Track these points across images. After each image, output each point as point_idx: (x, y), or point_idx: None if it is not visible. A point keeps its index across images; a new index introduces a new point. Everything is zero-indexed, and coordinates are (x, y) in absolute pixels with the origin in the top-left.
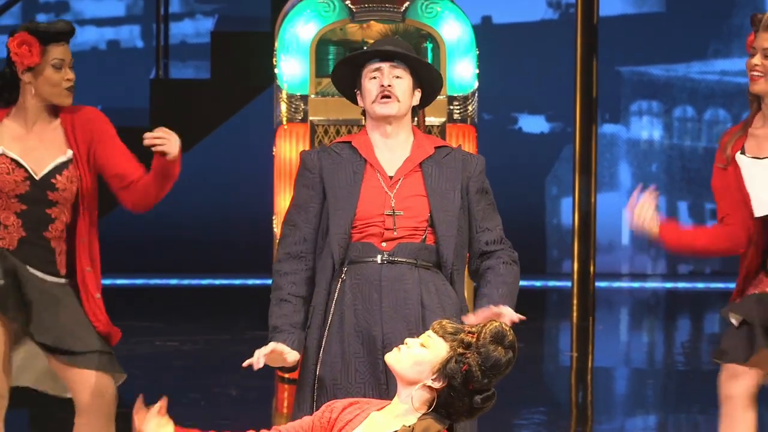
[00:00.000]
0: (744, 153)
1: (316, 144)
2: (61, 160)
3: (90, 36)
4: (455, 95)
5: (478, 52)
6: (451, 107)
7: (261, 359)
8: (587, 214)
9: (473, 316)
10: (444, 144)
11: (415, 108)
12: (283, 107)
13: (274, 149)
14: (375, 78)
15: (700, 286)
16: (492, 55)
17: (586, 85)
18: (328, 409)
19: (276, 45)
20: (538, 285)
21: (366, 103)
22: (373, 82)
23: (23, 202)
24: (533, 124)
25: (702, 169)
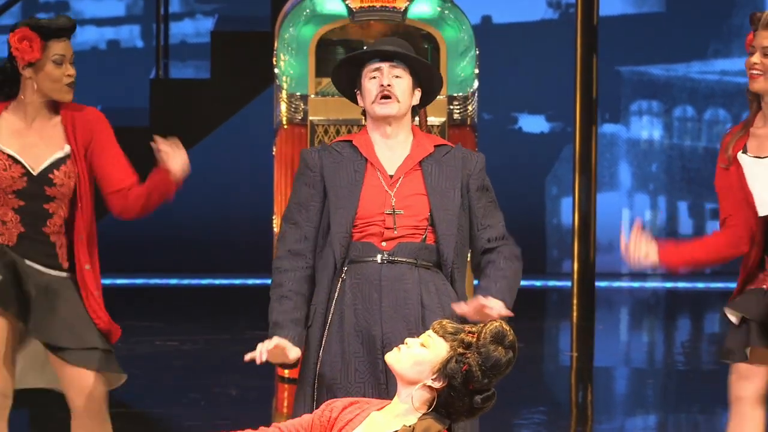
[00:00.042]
0: (746, 152)
1: (316, 144)
2: (59, 155)
3: (90, 36)
4: (455, 95)
5: (478, 51)
6: (451, 107)
7: (264, 353)
8: (587, 213)
9: (464, 305)
10: (444, 142)
11: (415, 108)
12: (283, 107)
13: (274, 149)
14: (375, 78)
15: (700, 285)
16: (492, 55)
17: (586, 85)
18: (328, 408)
19: (276, 45)
20: (538, 285)
21: (366, 103)
22: (373, 82)
23: (21, 197)
24: (533, 123)
25: (702, 169)
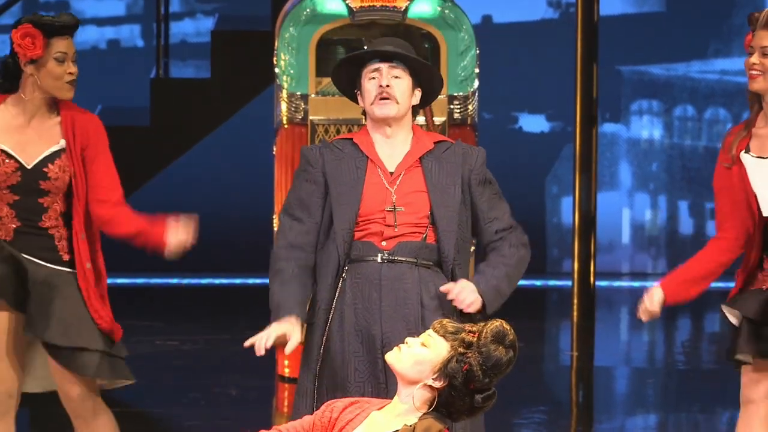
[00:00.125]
0: (748, 152)
1: (316, 143)
2: (54, 149)
3: (90, 35)
4: (455, 95)
5: (478, 51)
6: (452, 107)
7: (269, 339)
8: (587, 213)
9: (444, 287)
10: (444, 139)
11: (416, 108)
12: (284, 107)
13: (274, 149)
14: (374, 78)
15: None
16: (492, 55)
17: (586, 85)
18: (328, 409)
19: (276, 44)
20: (538, 284)
21: (365, 104)
22: (372, 82)
23: (15, 192)
24: (533, 123)
25: (702, 169)
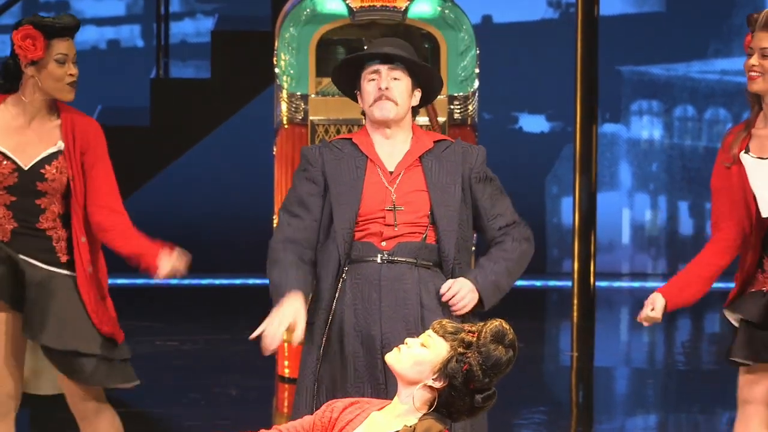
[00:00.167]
0: (748, 153)
1: (316, 143)
2: (52, 150)
3: (90, 35)
4: (455, 95)
5: (478, 51)
6: (452, 107)
7: (276, 336)
8: (587, 213)
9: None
10: (443, 138)
11: (415, 108)
12: (284, 107)
13: (274, 149)
14: (373, 80)
15: None
16: (492, 55)
17: (586, 85)
18: (328, 409)
19: (276, 44)
20: (538, 284)
21: (365, 105)
22: (372, 84)
23: (12, 193)
24: (533, 123)
25: (702, 169)
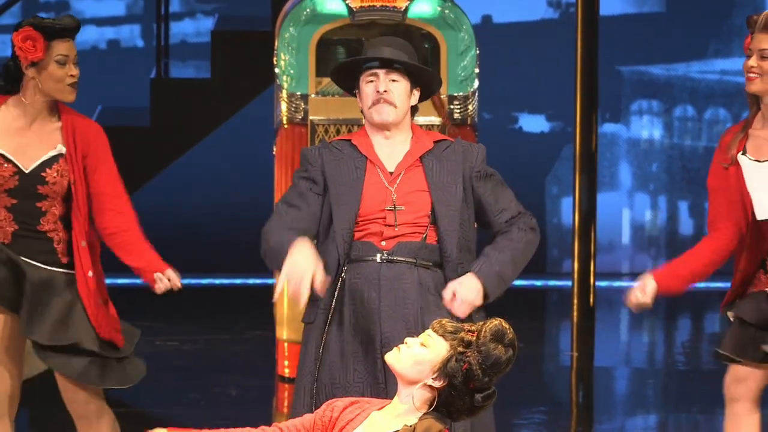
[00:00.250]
0: (745, 154)
1: (316, 143)
2: (53, 153)
3: (90, 35)
4: (455, 95)
5: (478, 51)
6: (452, 107)
7: (305, 290)
8: (587, 213)
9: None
10: (443, 137)
11: (414, 107)
12: (284, 107)
13: (274, 149)
14: (372, 81)
15: (700, 285)
16: (492, 55)
17: (586, 85)
18: (329, 408)
19: (276, 44)
20: (538, 284)
21: (363, 107)
22: (370, 85)
23: (13, 196)
24: (533, 123)
25: (702, 169)
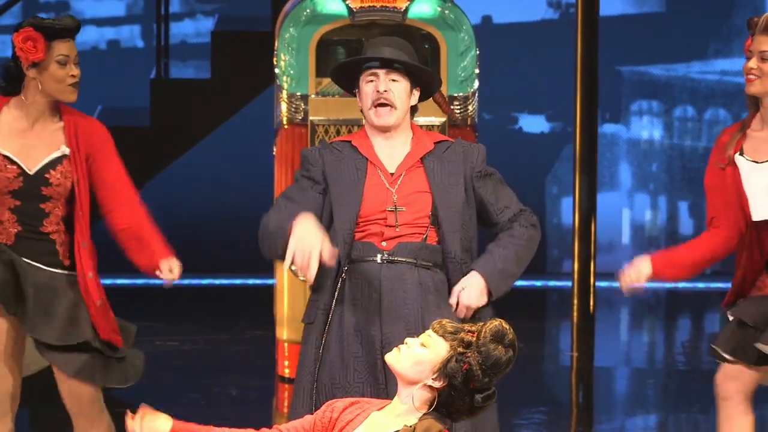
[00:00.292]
0: (743, 155)
1: (316, 144)
2: (56, 155)
3: (90, 36)
4: (456, 95)
5: (478, 51)
6: (452, 107)
7: (313, 263)
8: (588, 213)
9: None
10: (443, 138)
11: (414, 107)
12: (284, 107)
13: (274, 149)
14: (372, 81)
15: (700, 285)
16: (492, 55)
17: (586, 85)
18: (329, 409)
19: (276, 45)
20: (538, 285)
21: (363, 107)
22: (370, 85)
23: (17, 197)
24: (533, 123)
25: (702, 169)
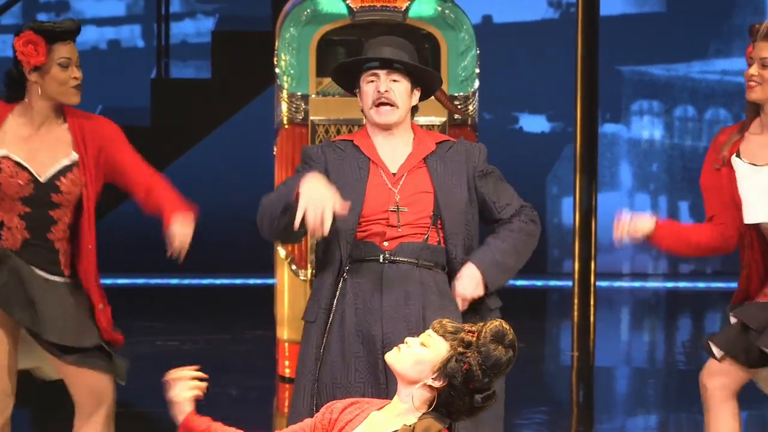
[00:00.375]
0: (740, 157)
1: (317, 144)
2: (66, 162)
3: (91, 36)
4: (456, 95)
5: (478, 51)
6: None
7: (327, 218)
8: (588, 213)
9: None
10: (445, 138)
11: (415, 107)
12: (284, 107)
13: (275, 149)
14: (372, 82)
15: (701, 285)
16: (493, 55)
17: (587, 85)
18: (328, 410)
19: (277, 44)
20: (539, 284)
21: (364, 107)
22: (371, 85)
23: (27, 204)
24: (534, 123)
25: None
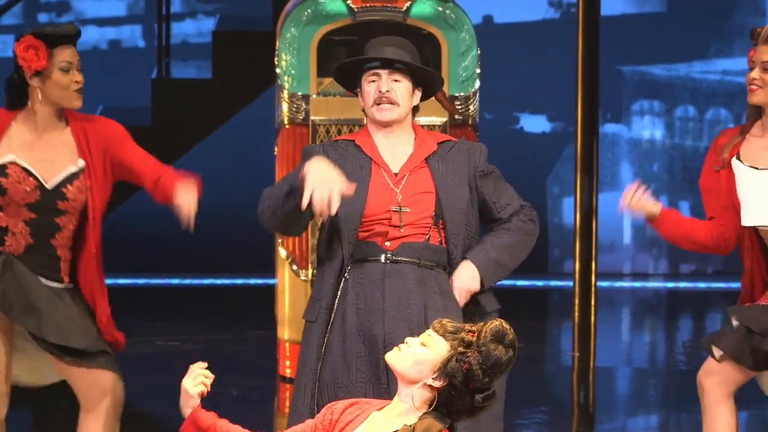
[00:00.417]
0: (740, 159)
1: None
2: (72, 170)
3: (91, 36)
4: (457, 95)
5: (479, 51)
6: (453, 106)
7: (334, 199)
8: (589, 213)
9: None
10: (447, 138)
11: (416, 107)
12: (285, 107)
13: (275, 149)
14: (374, 81)
15: (702, 285)
16: (493, 55)
17: (587, 85)
18: (328, 411)
19: (277, 44)
20: (539, 285)
21: (365, 106)
22: (372, 85)
23: (32, 210)
24: (535, 123)
25: None
